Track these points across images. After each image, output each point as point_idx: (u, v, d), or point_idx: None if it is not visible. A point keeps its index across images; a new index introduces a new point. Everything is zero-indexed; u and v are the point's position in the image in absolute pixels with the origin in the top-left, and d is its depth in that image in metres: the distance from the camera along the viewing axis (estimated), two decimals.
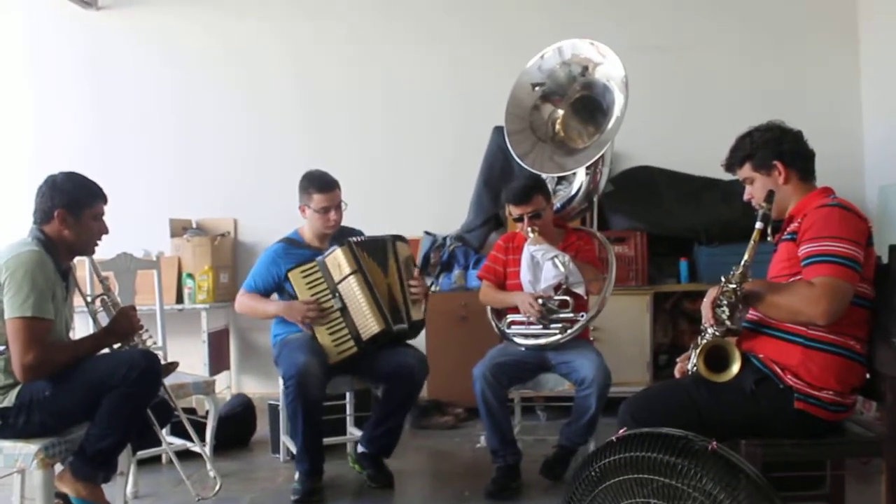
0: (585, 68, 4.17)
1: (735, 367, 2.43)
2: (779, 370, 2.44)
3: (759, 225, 2.51)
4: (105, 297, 3.15)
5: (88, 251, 3.04)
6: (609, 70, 4.06)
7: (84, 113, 6.07)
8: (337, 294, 3.64)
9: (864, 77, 5.56)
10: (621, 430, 2.03)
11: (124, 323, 3.02)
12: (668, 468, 1.95)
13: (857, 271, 2.34)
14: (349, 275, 3.62)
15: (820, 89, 5.58)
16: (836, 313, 2.32)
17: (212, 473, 3.78)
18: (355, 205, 3.99)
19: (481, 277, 4.02)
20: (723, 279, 2.47)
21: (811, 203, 2.51)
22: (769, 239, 2.61)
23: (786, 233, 2.56)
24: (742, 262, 2.45)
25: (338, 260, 3.64)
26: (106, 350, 3.00)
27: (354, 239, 3.73)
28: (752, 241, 2.47)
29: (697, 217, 5.18)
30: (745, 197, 2.68)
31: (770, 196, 2.54)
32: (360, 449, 3.86)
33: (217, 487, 3.38)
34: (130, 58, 6.07)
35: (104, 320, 3.10)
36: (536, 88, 4.24)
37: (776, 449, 2.42)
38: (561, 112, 4.28)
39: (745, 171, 2.63)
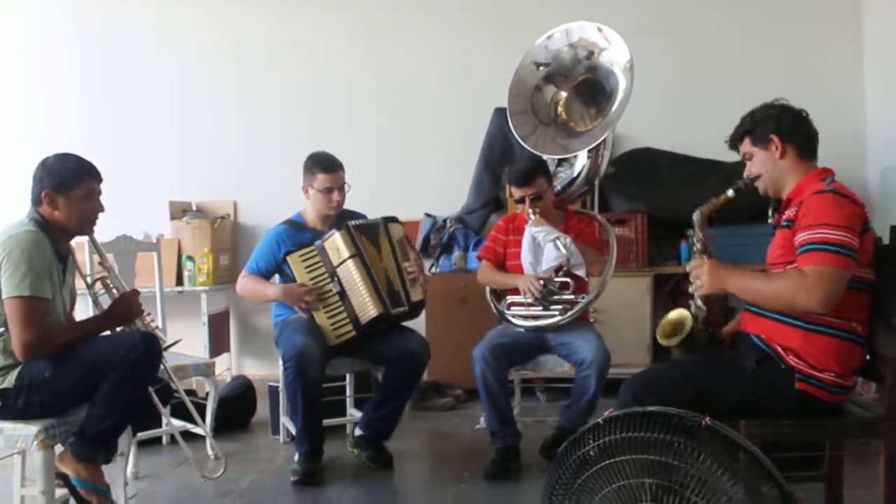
0: (591, 52, 4.15)
1: (686, 328, 2.58)
2: (781, 350, 2.43)
3: (729, 192, 2.58)
4: (107, 279, 3.14)
5: (84, 231, 3.02)
6: (614, 55, 4.04)
7: (83, 96, 6.04)
8: (336, 278, 3.64)
9: (868, 59, 5.53)
10: (606, 412, 2.01)
11: (124, 308, 3.01)
12: (663, 447, 1.93)
13: (852, 258, 2.33)
14: (347, 258, 3.62)
15: (823, 72, 5.54)
16: (833, 301, 2.30)
17: (212, 454, 3.82)
18: (356, 187, 3.98)
19: (481, 257, 4.01)
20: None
21: (808, 186, 2.49)
22: (770, 220, 2.60)
23: (783, 219, 2.55)
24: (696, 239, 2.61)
25: (336, 244, 3.64)
26: (107, 332, 3.00)
27: (353, 223, 3.72)
28: (712, 200, 2.62)
29: (698, 199, 5.11)
30: (745, 174, 2.66)
31: (754, 178, 2.59)
32: (357, 432, 3.87)
33: (222, 468, 3.40)
34: (130, 40, 6.04)
35: (107, 303, 3.10)
36: (541, 68, 4.22)
37: (775, 429, 2.42)
38: (564, 94, 4.27)
39: (745, 146, 2.62)
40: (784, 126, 2.55)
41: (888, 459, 2.41)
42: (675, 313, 2.68)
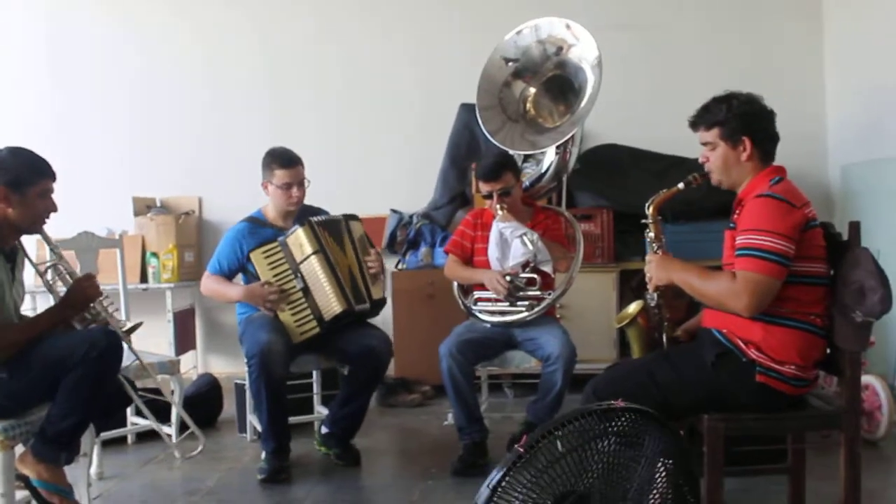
0: (560, 48, 4.16)
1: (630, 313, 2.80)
2: (742, 344, 2.46)
3: (679, 185, 2.68)
4: (59, 266, 3.05)
5: (34, 230, 2.92)
6: (583, 52, 4.05)
7: (44, 91, 5.94)
8: (299, 274, 3.62)
9: (828, 56, 5.59)
10: (523, 439, 1.99)
11: (80, 293, 2.94)
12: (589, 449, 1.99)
13: (782, 265, 2.36)
14: (311, 255, 3.60)
15: (784, 69, 5.59)
16: (759, 307, 2.38)
17: (175, 440, 3.74)
18: (321, 183, 3.95)
19: (448, 251, 4.00)
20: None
21: (756, 187, 2.51)
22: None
23: (731, 220, 2.57)
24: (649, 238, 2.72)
25: (299, 240, 3.62)
26: (76, 325, 2.93)
27: (315, 219, 3.70)
28: (662, 192, 2.72)
29: None
30: (700, 159, 2.65)
31: (704, 177, 2.65)
32: (324, 430, 3.86)
33: (200, 445, 3.35)
34: (90, 34, 5.95)
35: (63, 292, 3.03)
36: (509, 63, 4.22)
37: (738, 423, 2.46)
38: (532, 90, 4.27)
39: (711, 135, 2.58)
40: (758, 130, 2.54)
41: (848, 451, 2.46)
42: (634, 304, 2.81)
